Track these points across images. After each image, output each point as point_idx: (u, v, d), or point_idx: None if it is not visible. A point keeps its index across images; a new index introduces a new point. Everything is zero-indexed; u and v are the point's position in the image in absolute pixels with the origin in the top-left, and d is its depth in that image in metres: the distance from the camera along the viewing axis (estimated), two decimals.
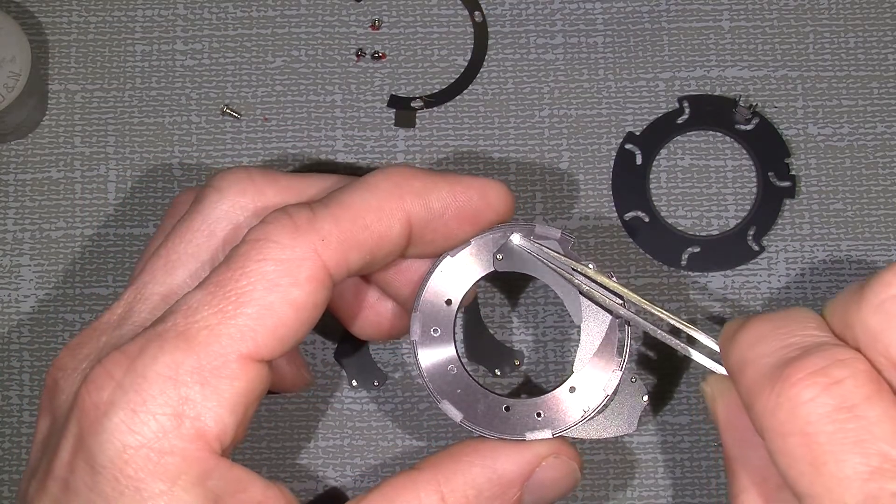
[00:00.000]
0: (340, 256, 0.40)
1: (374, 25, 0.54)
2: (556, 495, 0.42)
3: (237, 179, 0.43)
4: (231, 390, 0.38)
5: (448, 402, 0.42)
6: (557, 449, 0.42)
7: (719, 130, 0.53)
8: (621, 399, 0.51)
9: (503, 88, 0.53)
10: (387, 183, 0.41)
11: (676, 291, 0.52)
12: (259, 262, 0.38)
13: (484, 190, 0.43)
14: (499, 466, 0.41)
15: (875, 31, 0.53)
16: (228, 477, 0.38)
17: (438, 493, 0.40)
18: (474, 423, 0.42)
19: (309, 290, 0.39)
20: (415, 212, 0.41)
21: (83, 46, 0.53)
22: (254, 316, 0.38)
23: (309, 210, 0.40)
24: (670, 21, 0.53)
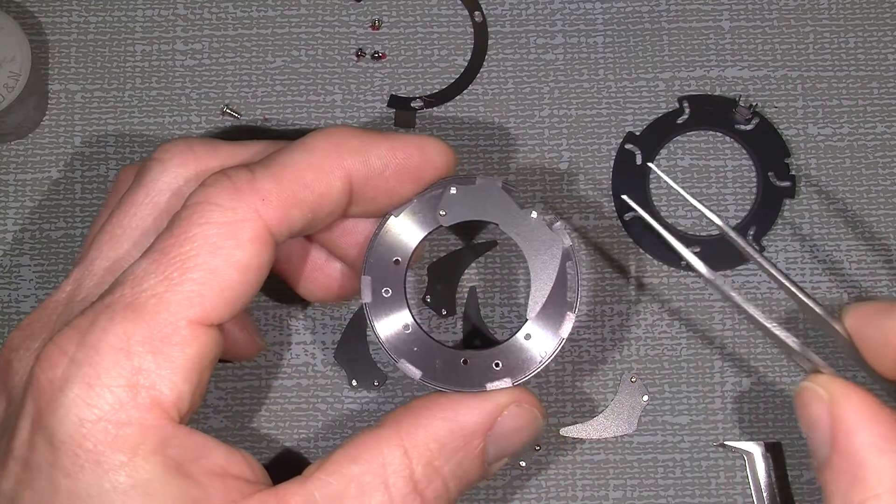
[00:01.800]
0: (282, 216, 0.40)
1: (374, 25, 0.54)
2: (520, 443, 0.42)
3: (179, 150, 0.43)
4: (183, 357, 0.38)
5: (405, 360, 0.42)
6: (518, 397, 0.42)
7: (719, 130, 0.53)
8: (621, 399, 0.51)
9: (503, 88, 0.53)
10: (326, 142, 0.41)
11: (676, 291, 0.52)
12: (201, 225, 0.39)
13: (423, 147, 0.43)
14: (460, 418, 0.41)
15: (875, 31, 0.53)
16: (188, 444, 0.38)
17: (401, 448, 0.40)
18: (434, 379, 0.42)
19: (252, 252, 0.39)
20: (355, 169, 0.41)
21: (83, 46, 0.53)
22: (200, 281, 0.38)
23: (248, 171, 0.40)
24: (670, 21, 0.53)
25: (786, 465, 0.50)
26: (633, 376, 0.51)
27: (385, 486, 0.39)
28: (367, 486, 0.39)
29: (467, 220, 0.43)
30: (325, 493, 0.39)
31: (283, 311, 0.52)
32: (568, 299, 0.42)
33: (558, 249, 0.43)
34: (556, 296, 0.43)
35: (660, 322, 0.51)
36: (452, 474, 0.41)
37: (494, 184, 0.43)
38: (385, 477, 0.39)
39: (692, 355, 0.51)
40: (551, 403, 0.51)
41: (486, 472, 0.42)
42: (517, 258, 0.52)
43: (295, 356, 0.51)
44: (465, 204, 0.43)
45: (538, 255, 0.43)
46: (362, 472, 0.39)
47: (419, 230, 0.43)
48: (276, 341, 0.51)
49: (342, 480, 0.39)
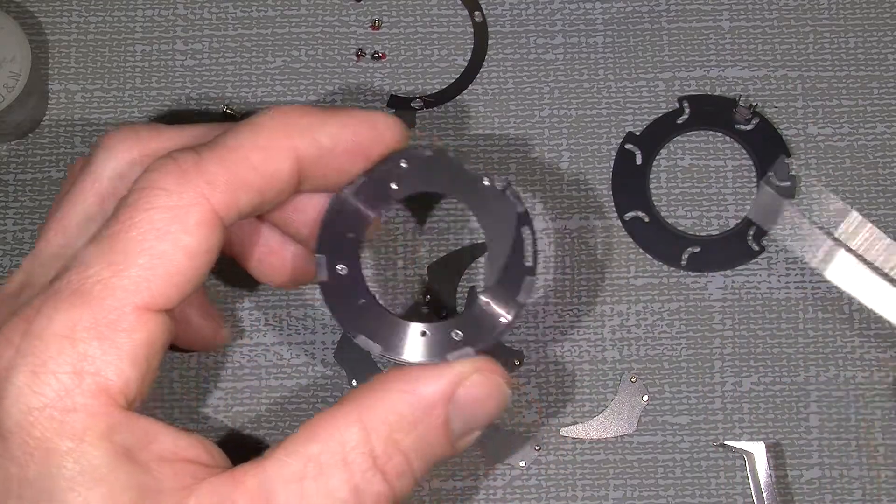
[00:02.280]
0: (229, 198, 0.39)
1: (374, 25, 0.54)
2: (486, 414, 0.41)
3: (123, 136, 0.43)
4: (130, 343, 0.37)
5: (364, 335, 0.41)
6: (479, 366, 0.41)
7: (719, 130, 0.53)
8: (621, 399, 0.51)
9: (503, 88, 0.53)
10: (273, 122, 0.41)
11: (676, 291, 0.52)
12: (147, 210, 0.38)
13: (373, 123, 0.42)
14: (419, 390, 0.40)
15: (875, 31, 0.53)
16: (136, 429, 0.38)
17: (359, 424, 0.39)
18: (393, 353, 0.41)
19: (200, 236, 0.39)
20: (304, 149, 0.41)
21: (83, 46, 0.53)
22: (146, 266, 0.38)
23: (194, 154, 0.39)
24: (670, 21, 0.53)
25: (786, 465, 0.50)
26: (633, 376, 0.51)
27: (344, 463, 0.39)
28: (326, 465, 0.39)
29: (419, 192, 0.43)
30: (283, 473, 0.38)
31: (282, 312, 0.52)
32: (525, 264, 0.42)
33: (513, 215, 0.42)
34: (514, 262, 0.42)
35: (660, 322, 0.51)
36: (414, 448, 0.40)
37: (445, 155, 0.43)
38: (344, 454, 0.39)
39: (692, 355, 0.51)
40: (551, 403, 0.51)
41: (452, 446, 0.41)
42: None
43: (295, 356, 0.51)
44: (416, 176, 0.43)
45: (493, 223, 0.43)
46: (321, 451, 0.39)
47: (372, 205, 0.43)
48: (275, 341, 0.51)
49: (300, 460, 0.39)
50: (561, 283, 0.52)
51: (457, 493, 0.51)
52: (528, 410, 0.51)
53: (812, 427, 0.51)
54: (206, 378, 0.51)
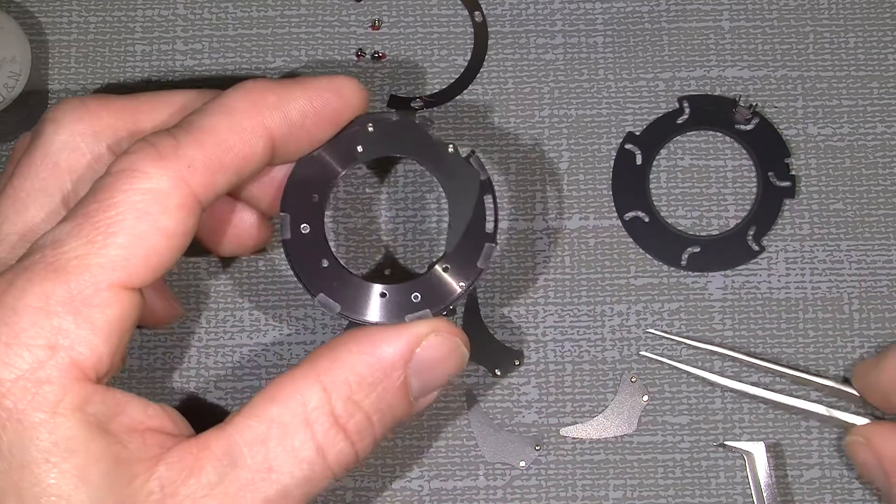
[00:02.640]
0: (207, 181, 0.40)
1: (374, 25, 0.54)
2: (444, 374, 0.42)
3: (71, 108, 0.43)
4: (104, 319, 0.38)
5: (324, 294, 0.42)
6: (437, 327, 0.41)
7: (719, 130, 0.53)
8: (621, 399, 0.51)
9: (503, 88, 0.53)
10: (244, 102, 0.41)
11: (676, 291, 0.52)
12: (126, 192, 0.38)
13: (338, 89, 0.43)
14: (378, 351, 0.40)
15: (875, 31, 0.53)
16: (107, 401, 0.38)
17: (319, 384, 0.40)
18: (353, 312, 0.42)
19: (179, 218, 0.39)
20: (275, 126, 0.42)
21: (83, 46, 0.53)
22: (125, 245, 0.38)
23: (172, 137, 0.40)
24: (670, 21, 0.53)
25: (786, 465, 0.50)
26: (633, 376, 0.51)
27: (306, 423, 0.39)
28: (288, 426, 0.39)
29: (384, 155, 0.44)
30: (247, 436, 0.39)
31: (283, 312, 0.52)
32: (487, 231, 0.43)
33: (475, 183, 0.43)
34: (475, 228, 0.43)
35: (660, 322, 0.51)
36: (374, 408, 0.40)
37: (411, 120, 0.43)
38: (306, 415, 0.39)
39: (692, 355, 0.51)
40: (551, 403, 0.51)
41: (412, 406, 0.42)
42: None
43: (295, 356, 0.51)
44: (382, 140, 0.43)
45: (455, 189, 0.43)
46: (282, 413, 0.39)
47: (337, 167, 0.43)
48: (276, 341, 0.51)
49: (263, 422, 0.39)
50: (561, 283, 0.52)
51: (457, 493, 0.51)
52: (528, 410, 0.51)
53: (812, 427, 0.51)
54: (206, 378, 0.51)
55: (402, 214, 0.52)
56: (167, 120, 0.43)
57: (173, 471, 0.38)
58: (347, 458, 0.40)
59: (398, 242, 0.52)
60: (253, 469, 0.39)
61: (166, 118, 0.44)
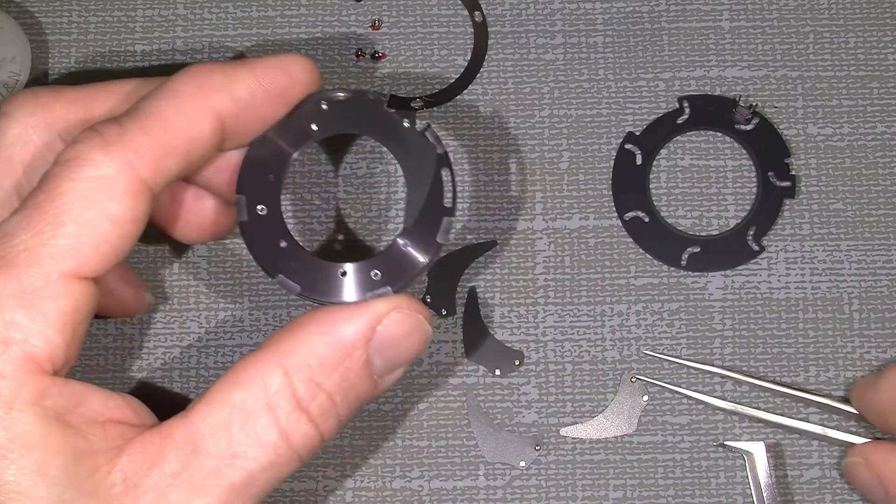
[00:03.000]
0: (156, 166, 0.39)
1: (374, 25, 0.54)
2: (408, 353, 0.42)
3: (23, 101, 0.43)
4: (56, 310, 0.38)
5: (283, 275, 0.42)
6: (398, 304, 0.41)
7: (719, 130, 0.53)
8: (621, 399, 0.51)
9: (503, 88, 0.53)
10: (189, 85, 0.41)
11: (676, 291, 0.52)
12: (73, 180, 0.38)
13: (286, 67, 0.42)
14: (338, 331, 0.40)
15: (875, 31, 0.53)
16: (66, 393, 0.38)
17: (280, 368, 0.39)
18: (312, 293, 0.41)
19: (128, 204, 0.39)
20: (222, 106, 0.41)
21: (83, 46, 0.53)
22: (73, 234, 0.38)
23: (117, 124, 0.40)
24: (670, 21, 0.53)
25: (786, 465, 0.50)
26: (633, 376, 0.51)
27: (269, 407, 0.39)
28: (250, 411, 0.39)
29: (339, 132, 0.43)
30: (209, 423, 0.39)
31: (283, 312, 0.52)
32: (445, 205, 0.42)
33: (432, 157, 0.43)
34: (433, 202, 0.42)
35: (660, 322, 0.51)
36: (337, 389, 0.40)
37: (365, 96, 0.43)
38: (267, 399, 0.39)
39: (692, 355, 0.51)
40: (551, 403, 0.51)
41: (375, 385, 0.41)
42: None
43: None
44: (337, 118, 0.43)
45: (412, 164, 0.43)
46: (244, 398, 0.39)
47: (292, 146, 0.43)
48: None
49: (225, 408, 0.39)
50: (561, 283, 0.52)
51: (457, 493, 0.51)
52: (528, 410, 0.51)
53: None
54: (205, 378, 0.51)
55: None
56: (120, 108, 0.43)
57: (135, 461, 0.38)
58: (312, 441, 0.40)
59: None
60: (216, 456, 0.38)
61: (119, 106, 0.43)
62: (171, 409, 0.47)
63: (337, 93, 0.43)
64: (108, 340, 0.51)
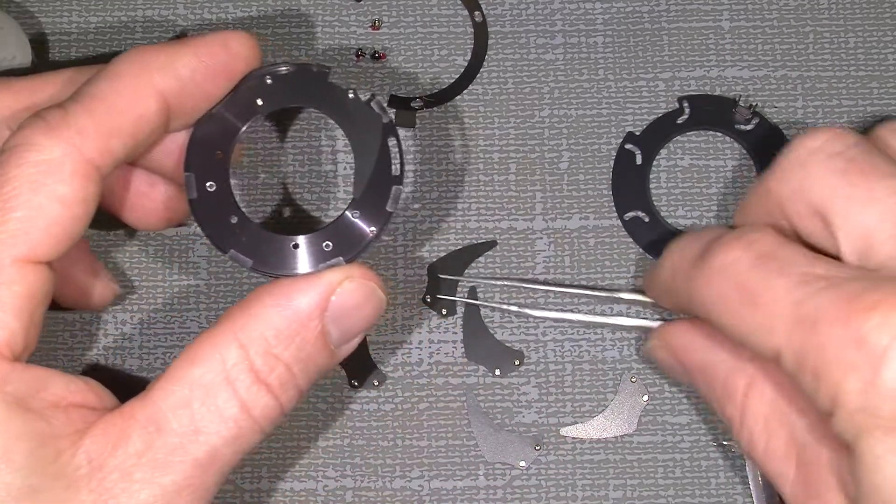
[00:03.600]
0: (102, 147, 0.40)
1: (374, 25, 0.54)
2: (364, 321, 0.42)
3: None
4: (11, 295, 0.38)
5: (235, 251, 0.42)
6: (351, 273, 0.41)
7: (719, 130, 0.53)
8: (621, 399, 0.51)
9: (503, 88, 0.53)
10: (130, 65, 0.41)
11: None
12: (20, 166, 0.39)
13: (226, 42, 0.43)
14: (293, 303, 0.40)
15: (875, 31, 0.53)
16: (26, 378, 0.38)
17: (237, 342, 0.40)
18: (264, 266, 0.42)
19: (76, 186, 0.39)
20: (166, 85, 0.41)
21: (83, 46, 0.53)
22: (23, 219, 0.38)
23: (61, 108, 0.40)
24: (670, 21, 0.53)
25: None
26: (633, 376, 0.51)
27: (228, 381, 0.39)
28: (210, 386, 0.39)
29: (285, 106, 0.43)
30: (170, 402, 0.39)
31: None
32: (393, 174, 0.42)
33: (378, 126, 0.43)
34: (381, 172, 0.43)
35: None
36: (295, 359, 0.40)
37: (309, 69, 0.43)
38: (226, 373, 0.39)
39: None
40: (551, 403, 0.51)
41: (333, 355, 0.42)
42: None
43: None
44: (282, 92, 0.43)
45: (359, 134, 0.43)
46: (202, 374, 0.39)
47: (238, 122, 0.43)
48: None
49: (185, 385, 0.39)
50: (561, 283, 0.52)
51: (457, 493, 0.51)
52: (527, 410, 0.51)
53: None
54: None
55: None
56: (63, 94, 0.43)
57: (99, 443, 0.38)
58: (273, 412, 0.40)
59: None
60: (179, 433, 0.39)
61: (61, 92, 0.44)
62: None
63: (280, 67, 0.43)
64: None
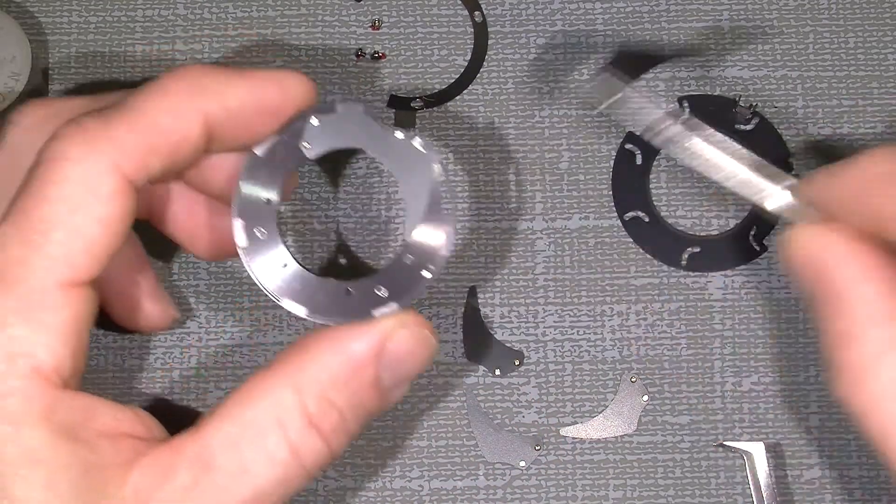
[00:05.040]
0: (139, 164, 0.39)
1: (374, 25, 0.54)
2: (415, 367, 0.42)
3: (34, 110, 0.43)
4: (58, 320, 0.37)
5: (288, 298, 0.41)
6: (405, 321, 0.41)
7: (719, 130, 0.53)
8: (621, 399, 0.51)
9: (503, 88, 0.53)
10: (180, 84, 0.40)
11: (676, 291, 0.52)
12: (57, 183, 0.38)
13: (282, 82, 0.42)
14: (348, 349, 0.40)
15: (875, 31, 0.53)
16: (75, 406, 0.38)
17: (292, 386, 0.39)
18: (319, 313, 0.41)
19: (114, 205, 0.38)
20: (212, 112, 0.40)
21: (83, 46, 0.53)
22: (64, 241, 0.38)
23: (101, 119, 0.39)
24: (670, 21, 0.53)
25: (786, 465, 0.50)
26: (633, 376, 0.51)
27: (280, 424, 0.39)
28: (261, 428, 0.39)
29: (332, 149, 0.43)
30: (220, 440, 0.39)
31: (282, 311, 0.51)
32: (445, 214, 0.42)
33: (428, 167, 0.42)
34: (433, 213, 0.42)
35: (660, 322, 0.51)
36: (348, 405, 0.40)
37: (356, 108, 0.43)
38: (279, 416, 0.39)
39: (692, 355, 0.51)
40: (551, 403, 0.51)
41: (384, 399, 0.41)
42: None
43: None
44: (328, 133, 0.42)
45: (409, 175, 0.42)
46: (255, 414, 0.39)
47: (285, 166, 0.42)
48: (276, 341, 0.51)
49: (236, 425, 0.39)
50: (561, 283, 0.52)
51: (457, 493, 0.51)
52: (527, 410, 0.51)
53: (812, 427, 0.51)
54: (205, 378, 0.51)
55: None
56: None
57: (147, 476, 0.38)
58: (322, 457, 0.40)
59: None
60: (227, 472, 0.38)
61: None
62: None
63: (327, 108, 0.42)
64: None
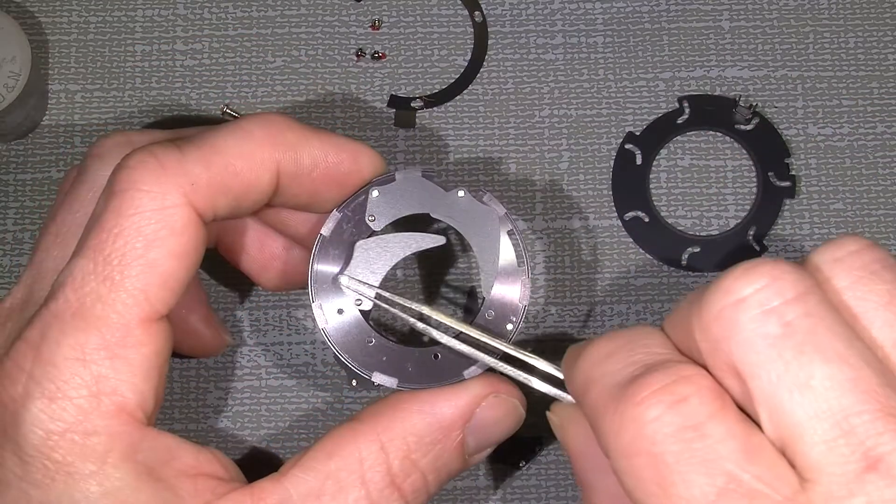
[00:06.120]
0: (209, 202, 0.39)
1: (374, 25, 0.54)
2: (500, 434, 0.42)
3: (116, 143, 0.43)
4: (140, 357, 0.38)
5: (378, 372, 0.42)
6: (496, 388, 0.41)
7: (719, 130, 0.53)
8: None
9: (503, 88, 0.53)
10: (261, 131, 0.41)
11: (676, 291, 0.52)
12: (131, 217, 0.38)
13: (356, 154, 0.42)
14: (437, 411, 0.40)
15: (875, 31, 0.53)
16: (157, 446, 0.38)
17: (378, 443, 0.40)
18: (409, 382, 0.42)
19: (186, 238, 0.39)
20: (285, 164, 0.41)
21: (83, 46, 0.53)
22: (140, 277, 0.38)
23: (177, 150, 0.39)
24: (670, 21, 0.53)
25: None
26: None
27: (362, 481, 0.39)
28: (343, 482, 0.39)
29: (397, 218, 0.43)
30: (301, 490, 0.39)
31: (282, 312, 0.52)
32: (518, 266, 0.42)
33: (494, 221, 0.43)
34: (507, 266, 0.42)
35: (660, 322, 0.51)
36: (431, 467, 0.40)
37: (414, 174, 0.43)
38: (362, 472, 0.39)
39: None
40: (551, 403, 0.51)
41: (466, 463, 0.42)
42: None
43: (295, 356, 0.51)
44: (390, 203, 0.43)
45: (477, 233, 0.43)
46: (339, 468, 0.39)
47: (353, 242, 0.43)
48: (275, 341, 0.51)
49: (318, 477, 0.39)
50: (561, 283, 0.52)
51: (457, 493, 0.51)
52: None
53: None
54: (206, 378, 0.51)
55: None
56: None
57: None
58: None
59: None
60: None
61: None
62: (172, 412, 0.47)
63: (386, 179, 0.43)
64: None
